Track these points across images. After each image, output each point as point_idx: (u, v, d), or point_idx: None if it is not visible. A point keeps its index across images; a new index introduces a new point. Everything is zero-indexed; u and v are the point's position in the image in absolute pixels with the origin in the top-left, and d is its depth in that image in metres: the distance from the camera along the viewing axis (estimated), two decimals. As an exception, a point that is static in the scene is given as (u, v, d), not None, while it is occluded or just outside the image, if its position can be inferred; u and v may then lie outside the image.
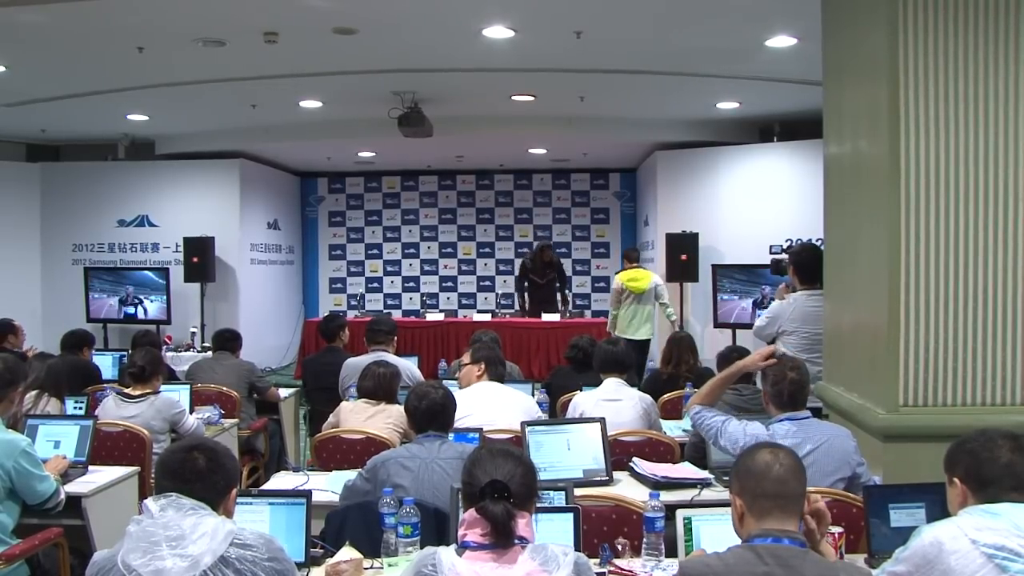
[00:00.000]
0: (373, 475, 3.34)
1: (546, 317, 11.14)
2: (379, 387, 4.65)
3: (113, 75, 8.08)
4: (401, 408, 4.57)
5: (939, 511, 2.67)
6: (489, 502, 2.17)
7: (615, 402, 4.59)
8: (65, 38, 6.80)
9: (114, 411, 4.79)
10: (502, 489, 2.18)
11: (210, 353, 6.95)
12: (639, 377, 6.47)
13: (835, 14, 4.43)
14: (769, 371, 3.59)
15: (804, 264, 5.15)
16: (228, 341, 6.50)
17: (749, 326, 9.09)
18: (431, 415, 3.48)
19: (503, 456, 2.32)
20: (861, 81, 4.02)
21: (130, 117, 10.09)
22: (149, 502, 2.21)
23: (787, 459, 2.26)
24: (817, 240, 5.47)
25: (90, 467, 4.17)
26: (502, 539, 2.14)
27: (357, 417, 4.56)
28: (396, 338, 6.32)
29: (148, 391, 4.87)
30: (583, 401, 4.65)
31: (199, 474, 2.26)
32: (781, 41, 6.90)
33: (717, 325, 10.08)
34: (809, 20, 5.04)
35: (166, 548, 2.14)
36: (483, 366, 4.76)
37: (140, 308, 11.09)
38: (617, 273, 10.15)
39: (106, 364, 6.82)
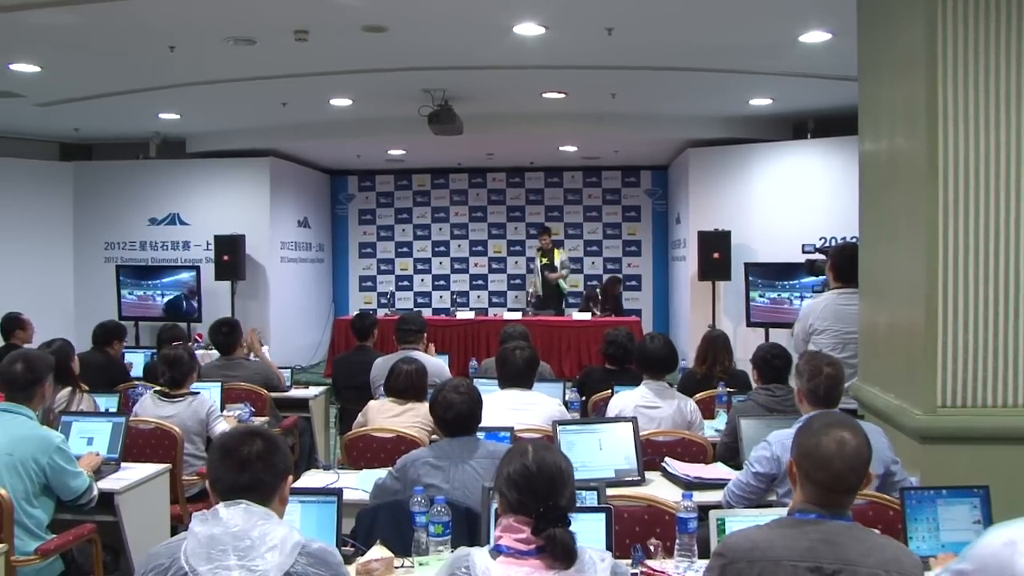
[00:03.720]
0: (403, 474, 3.35)
1: (577, 316, 11.13)
2: (407, 385, 4.66)
3: (145, 74, 8.17)
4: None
5: (985, 514, 2.63)
6: (556, 531, 2.10)
7: (653, 409, 4.52)
8: (97, 38, 6.88)
9: (152, 409, 4.84)
10: (562, 516, 2.13)
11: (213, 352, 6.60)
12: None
13: (871, 8, 4.38)
14: (804, 366, 3.55)
15: (844, 265, 5.05)
16: (226, 336, 6.22)
17: (784, 325, 9.09)
18: (458, 424, 3.46)
19: (546, 450, 2.27)
20: (898, 76, 3.97)
21: (161, 116, 10.21)
22: (220, 507, 2.17)
23: (852, 449, 2.17)
24: (852, 239, 5.41)
25: (122, 464, 4.21)
26: (566, 562, 2.09)
27: (384, 415, 4.58)
28: (426, 335, 6.29)
29: (185, 392, 4.92)
30: (620, 403, 4.58)
31: (258, 454, 2.22)
32: (815, 36, 6.82)
33: (750, 324, 10.01)
34: (844, 15, 4.98)
35: (234, 558, 2.10)
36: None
37: (185, 303, 11.25)
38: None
39: (138, 361, 6.88)
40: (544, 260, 12.03)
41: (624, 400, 4.59)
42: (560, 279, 11.91)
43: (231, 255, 11.01)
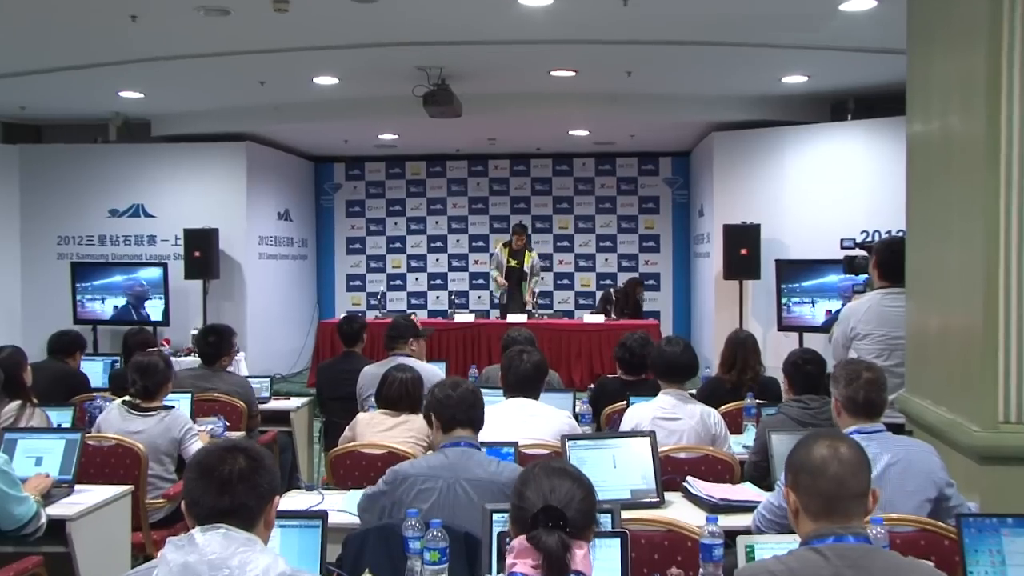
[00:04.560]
0: (393, 487, 3.34)
1: (589, 319, 11.10)
2: (400, 395, 4.64)
3: (102, 46, 8.10)
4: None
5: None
6: (542, 531, 2.14)
7: (673, 421, 4.49)
8: (48, 4, 6.81)
9: (118, 424, 4.75)
10: (557, 517, 2.15)
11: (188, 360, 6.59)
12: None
13: (923, -29, 4.36)
14: (841, 372, 3.53)
15: (890, 261, 4.98)
16: (212, 345, 6.09)
17: (818, 329, 9.04)
18: (466, 406, 3.48)
19: (560, 476, 2.30)
20: (954, 47, 3.94)
21: (122, 94, 10.15)
22: (196, 532, 2.15)
23: (847, 452, 2.30)
24: (898, 232, 5.37)
25: (77, 487, 4.13)
26: (555, 574, 2.11)
27: (375, 429, 4.56)
28: (415, 340, 6.26)
29: (158, 405, 4.85)
30: (637, 415, 4.55)
31: (241, 474, 2.19)
32: (858, 4, 6.79)
33: (782, 328, 9.97)
34: (891, -21, 4.96)
35: None
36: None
37: (139, 310, 11.19)
38: None
39: (95, 371, 6.82)
40: (512, 262, 11.62)
41: (641, 412, 4.56)
42: (531, 290, 11.72)
43: (203, 251, 10.99)
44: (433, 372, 5.89)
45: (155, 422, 4.77)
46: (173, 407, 4.91)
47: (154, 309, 11.13)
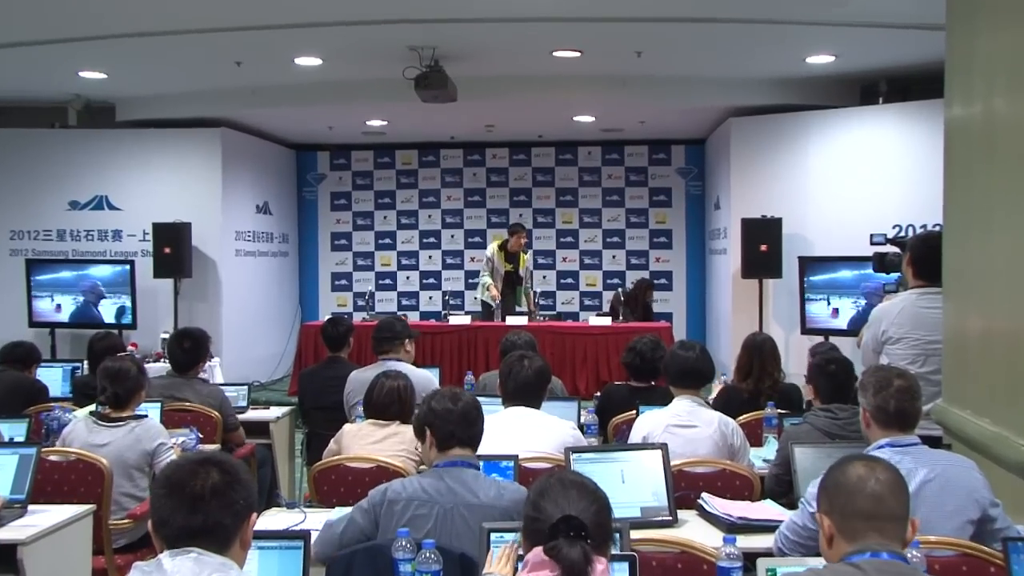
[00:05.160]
0: (374, 514, 3.30)
1: (595, 321, 11.09)
2: (391, 402, 4.63)
3: (60, 20, 8.01)
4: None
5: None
6: (563, 542, 2.18)
7: (688, 428, 4.47)
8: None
9: (84, 436, 4.70)
10: (578, 527, 2.20)
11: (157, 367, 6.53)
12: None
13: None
14: (869, 379, 3.51)
15: (927, 258, 4.97)
16: (187, 352, 6.10)
17: (846, 332, 9.02)
18: (467, 423, 3.45)
19: (577, 488, 2.36)
20: (1001, 22, 3.92)
21: (83, 74, 10.08)
22: (165, 556, 2.13)
23: (884, 473, 2.37)
24: (934, 226, 5.36)
25: (31, 507, 4.06)
26: None
27: (362, 441, 4.55)
28: (410, 341, 6.27)
29: (128, 415, 4.80)
30: (648, 425, 4.54)
31: (215, 490, 2.18)
32: (889, -24, 6.80)
33: (805, 331, 9.96)
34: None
35: None
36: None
37: (99, 309, 11.15)
38: None
39: (53, 379, 6.78)
40: (509, 266, 11.35)
41: (652, 421, 4.54)
42: (531, 299, 11.60)
43: (173, 247, 10.95)
44: (426, 379, 5.90)
45: (124, 433, 4.71)
46: (146, 416, 4.87)
47: (112, 310, 11.07)
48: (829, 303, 9.89)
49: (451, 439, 3.44)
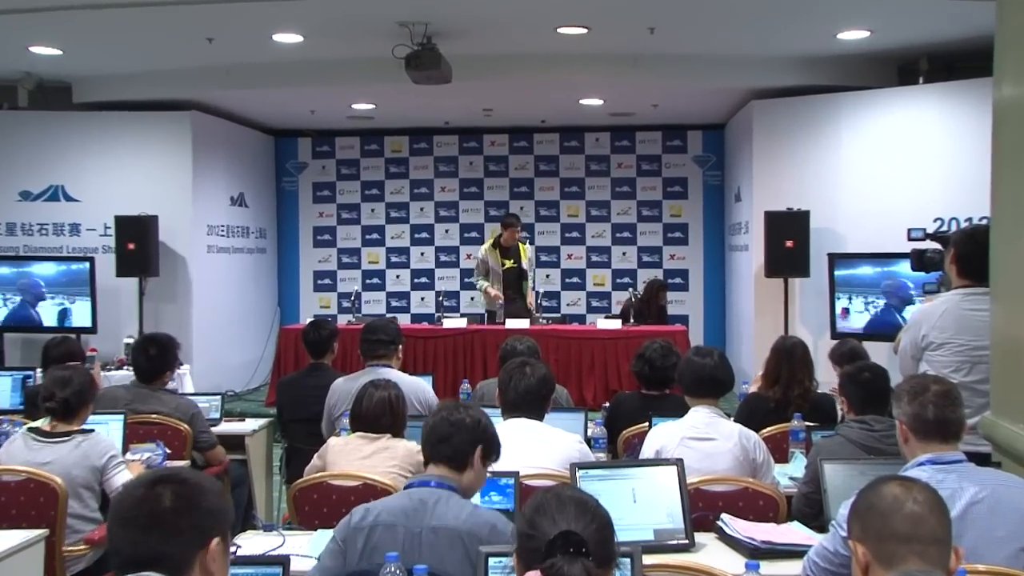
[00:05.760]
0: (342, 549, 3.25)
1: (604, 324, 11.08)
2: (380, 413, 4.62)
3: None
4: (409, 444, 4.52)
5: None
6: (562, 560, 2.18)
7: (706, 442, 4.47)
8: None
9: (22, 454, 4.67)
10: (578, 543, 2.20)
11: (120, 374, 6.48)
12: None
13: None
14: (903, 388, 3.52)
15: (972, 255, 4.96)
16: (152, 359, 6.04)
17: (883, 337, 8.99)
18: (438, 437, 3.39)
19: (575, 504, 2.37)
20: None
21: (34, 50, 10.03)
22: None
23: (922, 493, 2.38)
24: (981, 220, 5.35)
25: (-28, 533, 4.04)
26: None
27: (349, 457, 4.54)
28: (402, 348, 6.30)
29: (73, 429, 4.78)
30: (661, 438, 4.54)
31: (173, 510, 2.16)
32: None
33: (836, 336, 9.94)
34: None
35: None
36: None
37: (37, 311, 11.07)
38: None
39: (2, 389, 6.76)
40: (508, 262, 11.20)
41: (666, 435, 4.55)
42: (532, 291, 11.51)
43: (138, 243, 10.92)
44: (419, 387, 5.91)
45: (69, 449, 4.69)
46: (92, 431, 4.85)
47: (53, 312, 10.96)
48: (836, 302, 9.92)
49: (430, 456, 3.43)
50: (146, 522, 2.15)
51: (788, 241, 10.30)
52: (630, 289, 12.27)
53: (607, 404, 6.21)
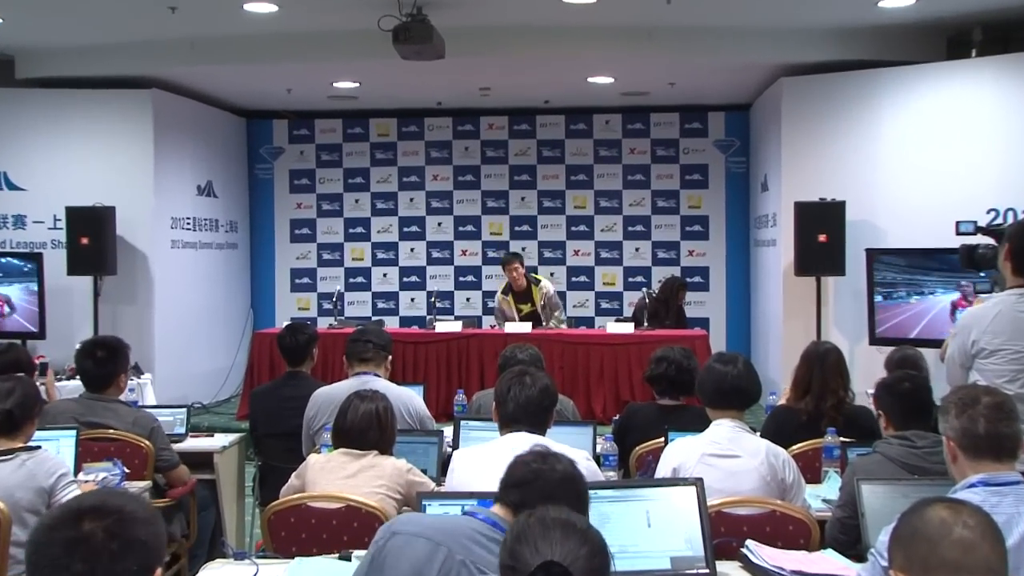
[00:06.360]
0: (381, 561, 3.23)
1: (614, 329, 11.08)
2: (366, 427, 4.63)
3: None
4: (398, 462, 4.53)
5: None
6: None
7: (729, 459, 4.47)
8: None
9: None
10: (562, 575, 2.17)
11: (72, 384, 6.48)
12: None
13: None
14: (951, 400, 3.52)
15: None
16: (100, 364, 6.04)
17: (930, 343, 8.98)
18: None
19: (562, 528, 2.32)
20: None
21: (-32, 20, 10.07)
22: None
23: (974, 518, 2.34)
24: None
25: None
26: None
27: (331, 476, 4.54)
28: (391, 360, 6.31)
29: (17, 446, 4.77)
30: (679, 455, 4.54)
31: (93, 556, 2.10)
32: None
33: (875, 341, 9.94)
34: None
35: None
36: None
37: None
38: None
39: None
40: (524, 307, 11.39)
41: (684, 451, 4.55)
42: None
43: (93, 237, 10.89)
44: (409, 398, 5.93)
45: (12, 468, 4.62)
46: (39, 448, 4.83)
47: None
48: (875, 302, 9.89)
49: (497, 496, 3.35)
50: (81, 569, 2.09)
51: (821, 235, 10.29)
52: (644, 289, 12.23)
53: (617, 416, 6.23)
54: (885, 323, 9.94)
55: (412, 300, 14.34)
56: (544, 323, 11.39)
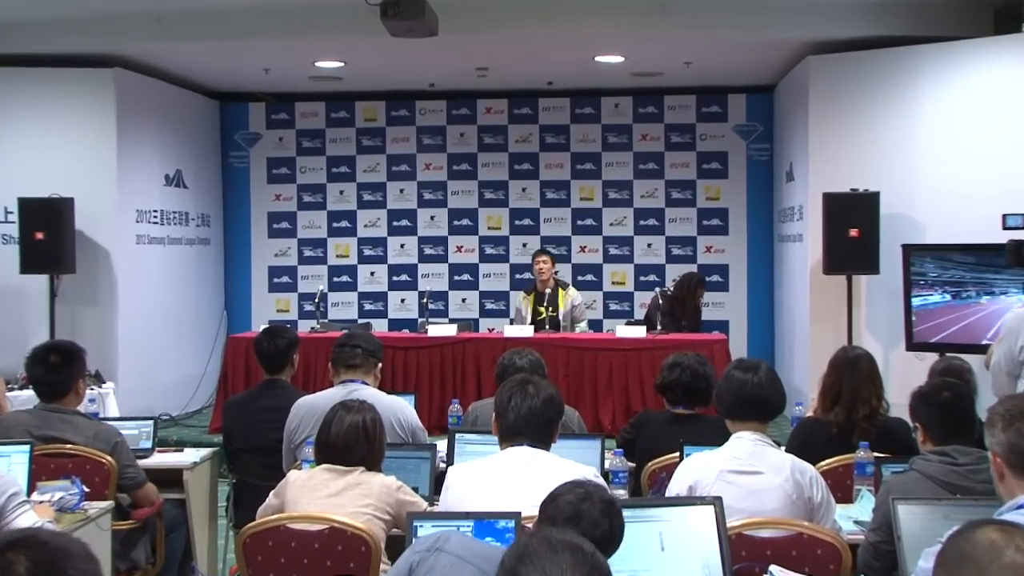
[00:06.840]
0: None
1: (624, 332, 11.08)
2: (352, 440, 4.63)
3: None
4: (387, 479, 4.54)
5: None
6: None
7: (751, 476, 4.48)
8: None
9: None
10: None
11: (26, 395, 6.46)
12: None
13: None
14: (998, 412, 3.53)
15: None
16: (54, 370, 5.99)
17: (975, 349, 8.99)
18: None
19: (571, 551, 2.32)
20: None
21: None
22: None
23: None
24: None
25: None
26: None
27: (314, 494, 4.55)
28: (380, 368, 6.31)
29: None
30: (695, 471, 4.55)
31: None
32: None
33: (913, 346, 9.94)
34: None
35: None
36: None
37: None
38: None
39: None
40: (546, 311, 11.39)
41: (701, 467, 4.56)
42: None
43: (49, 231, 10.84)
44: (399, 408, 5.93)
45: None
46: None
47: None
48: (912, 303, 9.88)
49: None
50: None
51: (852, 229, 10.27)
52: (657, 288, 12.24)
53: (627, 428, 6.23)
54: (923, 326, 9.88)
55: (402, 301, 14.35)
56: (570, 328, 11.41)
